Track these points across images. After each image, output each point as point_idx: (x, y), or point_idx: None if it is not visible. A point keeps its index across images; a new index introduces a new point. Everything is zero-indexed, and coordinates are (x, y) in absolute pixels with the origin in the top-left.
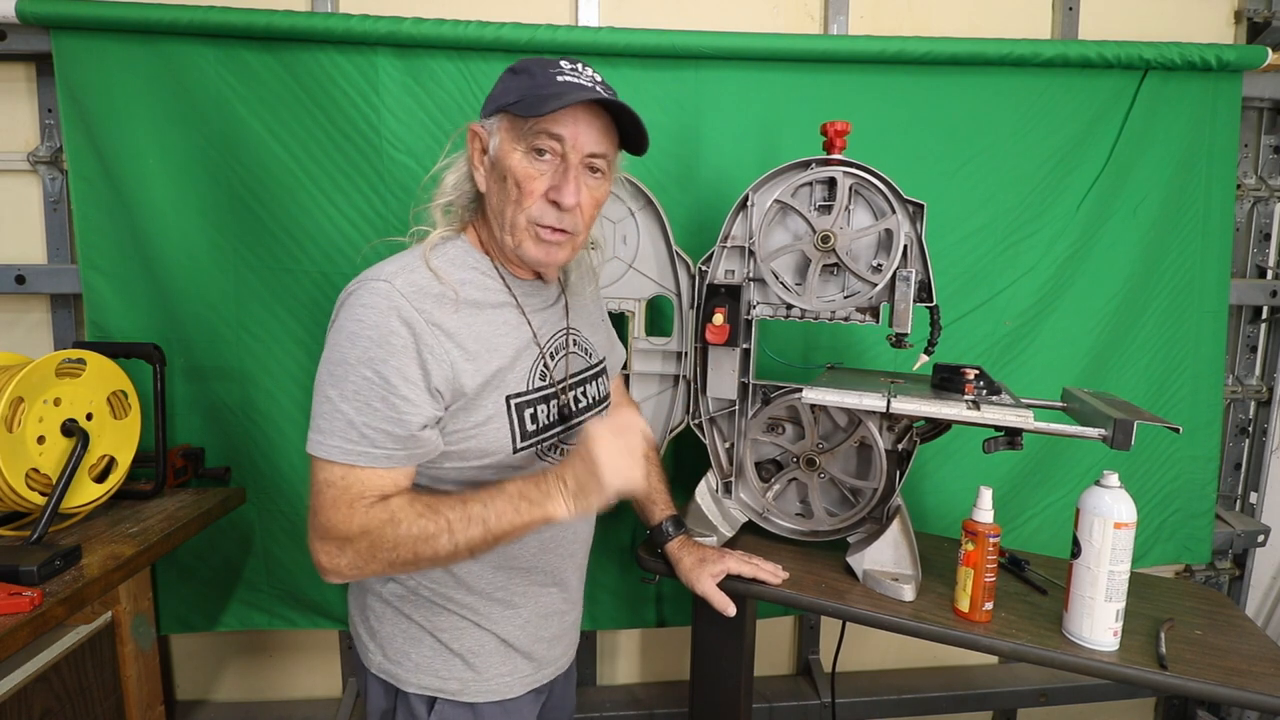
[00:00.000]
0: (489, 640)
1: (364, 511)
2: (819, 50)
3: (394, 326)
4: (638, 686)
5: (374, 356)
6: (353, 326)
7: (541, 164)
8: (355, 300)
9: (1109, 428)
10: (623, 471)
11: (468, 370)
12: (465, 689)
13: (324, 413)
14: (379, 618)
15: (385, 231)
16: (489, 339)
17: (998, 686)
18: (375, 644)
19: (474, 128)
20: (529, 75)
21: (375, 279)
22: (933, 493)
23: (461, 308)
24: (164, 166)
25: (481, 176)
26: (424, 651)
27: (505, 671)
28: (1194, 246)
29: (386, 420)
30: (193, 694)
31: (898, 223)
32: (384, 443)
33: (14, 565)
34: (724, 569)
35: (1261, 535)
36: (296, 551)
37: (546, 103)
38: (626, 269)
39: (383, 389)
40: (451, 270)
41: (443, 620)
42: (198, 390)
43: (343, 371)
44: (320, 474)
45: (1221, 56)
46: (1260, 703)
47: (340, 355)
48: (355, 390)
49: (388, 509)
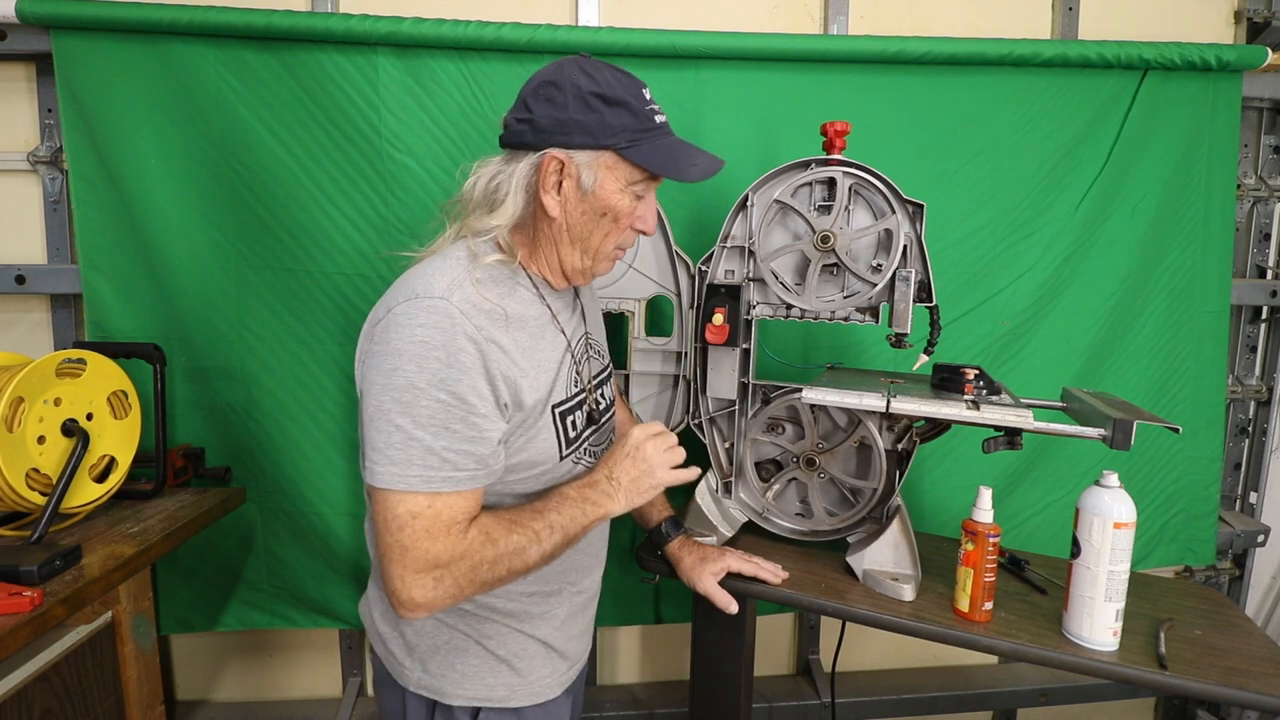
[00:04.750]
0: (531, 644)
1: (460, 535)
2: (819, 50)
3: (461, 344)
4: (638, 686)
5: (446, 378)
6: (415, 349)
7: (637, 202)
8: (410, 320)
9: (1109, 428)
10: (670, 467)
11: (525, 386)
12: (512, 694)
13: (396, 442)
14: (419, 632)
15: (386, 231)
16: (536, 354)
17: (998, 686)
18: (414, 660)
19: (559, 157)
20: (629, 111)
21: (428, 296)
22: (930, 491)
23: (510, 325)
24: (164, 166)
25: (556, 202)
26: (470, 661)
27: (546, 673)
28: (1194, 246)
29: (467, 441)
30: (193, 694)
31: (897, 223)
32: (467, 464)
33: (14, 565)
34: (725, 567)
35: (1261, 535)
36: (299, 550)
37: (682, 168)
38: (626, 269)
39: (461, 409)
40: (493, 285)
41: (488, 628)
42: (199, 390)
43: (412, 397)
44: (400, 506)
45: (1221, 56)
46: (1260, 703)
47: (406, 380)
48: (430, 415)
49: (481, 529)
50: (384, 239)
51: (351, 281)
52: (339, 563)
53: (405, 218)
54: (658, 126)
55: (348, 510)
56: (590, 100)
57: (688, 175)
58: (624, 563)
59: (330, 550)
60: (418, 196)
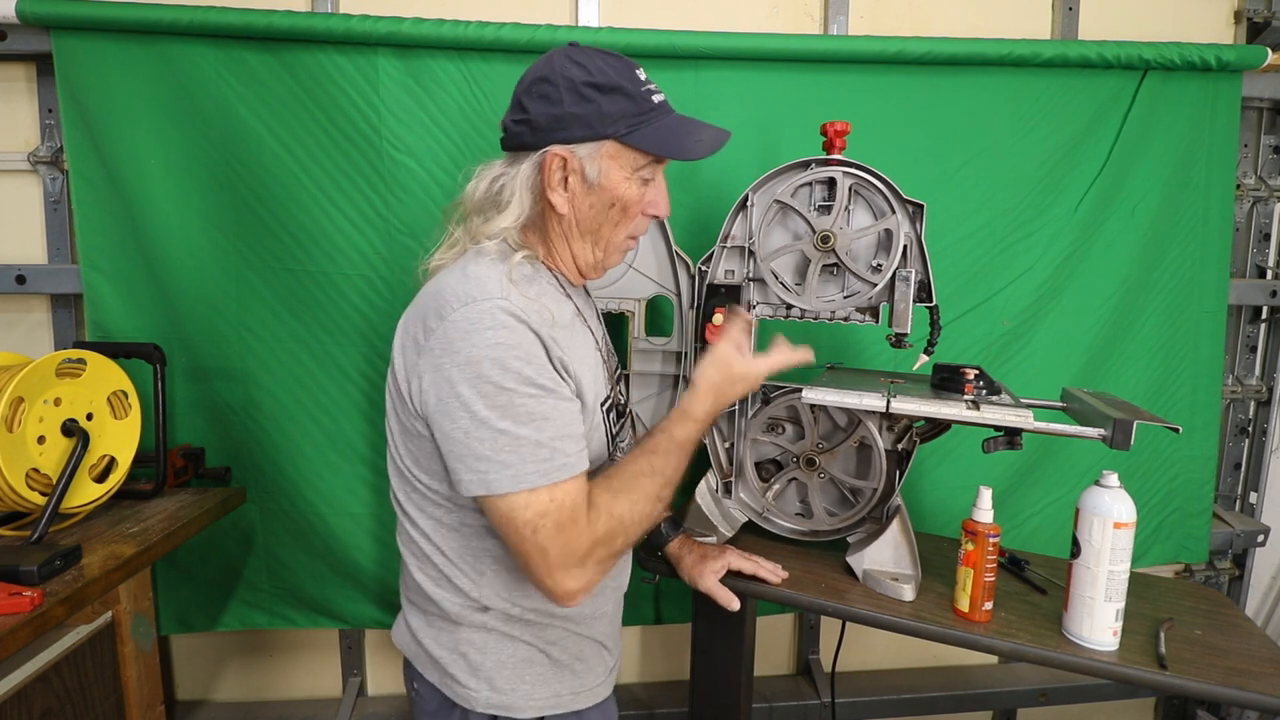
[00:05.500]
0: (588, 645)
1: (586, 519)
2: (819, 50)
3: (531, 338)
4: (638, 686)
5: (530, 373)
6: (493, 351)
7: (646, 187)
8: (477, 324)
9: (1108, 428)
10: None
11: (585, 382)
12: (576, 698)
13: (504, 446)
14: (481, 650)
15: (386, 231)
16: (581, 353)
17: (998, 686)
18: (479, 679)
19: (561, 154)
20: (624, 95)
21: (486, 299)
22: (930, 491)
23: (556, 325)
24: (164, 166)
25: (564, 198)
26: (538, 670)
27: (601, 671)
28: (1193, 246)
29: (565, 425)
30: (193, 694)
31: (897, 223)
32: (570, 447)
33: (14, 565)
34: (726, 564)
35: (1261, 535)
36: (299, 550)
37: (686, 147)
38: (626, 269)
39: (551, 398)
40: (527, 285)
41: (551, 634)
42: (200, 390)
43: (506, 399)
44: (529, 511)
45: (1221, 57)
46: (1260, 703)
47: (493, 384)
48: (529, 412)
49: (598, 508)
50: (384, 239)
51: (351, 281)
52: (339, 563)
53: (405, 218)
54: (656, 107)
55: (348, 510)
56: (584, 91)
57: (693, 153)
58: None
59: (330, 550)
60: (418, 197)
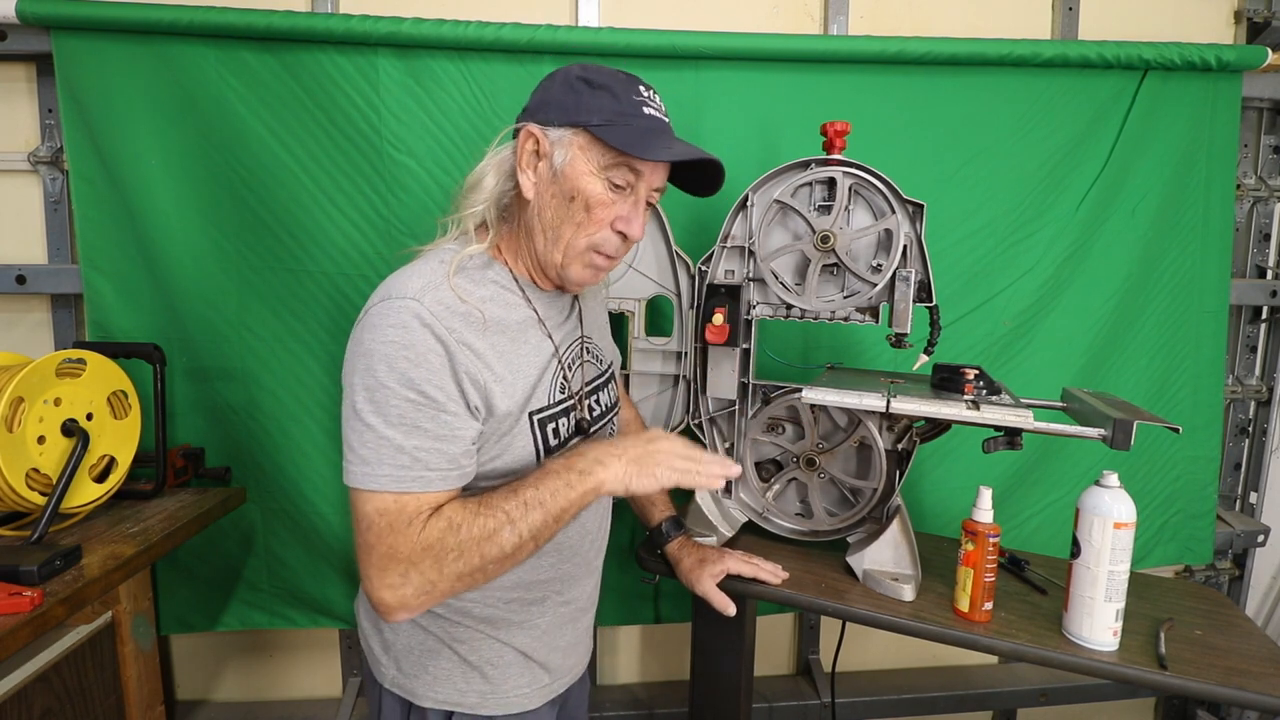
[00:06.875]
0: (507, 652)
1: (421, 526)
2: (819, 50)
3: (430, 344)
4: (638, 686)
5: (415, 377)
6: (385, 349)
7: (615, 194)
8: (381, 320)
9: (1109, 428)
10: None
11: (498, 392)
12: (484, 701)
13: (366, 441)
14: (394, 631)
15: (387, 231)
16: (516, 362)
17: (998, 686)
18: (389, 658)
19: (533, 130)
20: (611, 95)
21: (400, 297)
22: (930, 491)
23: (488, 329)
24: (165, 166)
25: (531, 183)
26: (442, 664)
27: (524, 683)
28: (1193, 246)
29: (438, 439)
30: (193, 694)
31: (897, 223)
32: (438, 463)
33: (14, 565)
34: (724, 569)
35: (1261, 535)
36: (299, 550)
37: (651, 148)
38: (626, 269)
39: (431, 408)
40: (473, 288)
41: (460, 632)
42: (200, 390)
43: (383, 396)
44: (369, 505)
45: (1221, 57)
46: (1260, 703)
47: (376, 380)
48: (400, 414)
49: (443, 517)
50: (384, 239)
51: (352, 282)
52: (339, 562)
53: (405, 218)
54: (643, 115)
55: (348, 510)
56: (574, 83)
57: (657, 154)
58: (624, 562)
59: (330, 550)
60: (418, 197)
